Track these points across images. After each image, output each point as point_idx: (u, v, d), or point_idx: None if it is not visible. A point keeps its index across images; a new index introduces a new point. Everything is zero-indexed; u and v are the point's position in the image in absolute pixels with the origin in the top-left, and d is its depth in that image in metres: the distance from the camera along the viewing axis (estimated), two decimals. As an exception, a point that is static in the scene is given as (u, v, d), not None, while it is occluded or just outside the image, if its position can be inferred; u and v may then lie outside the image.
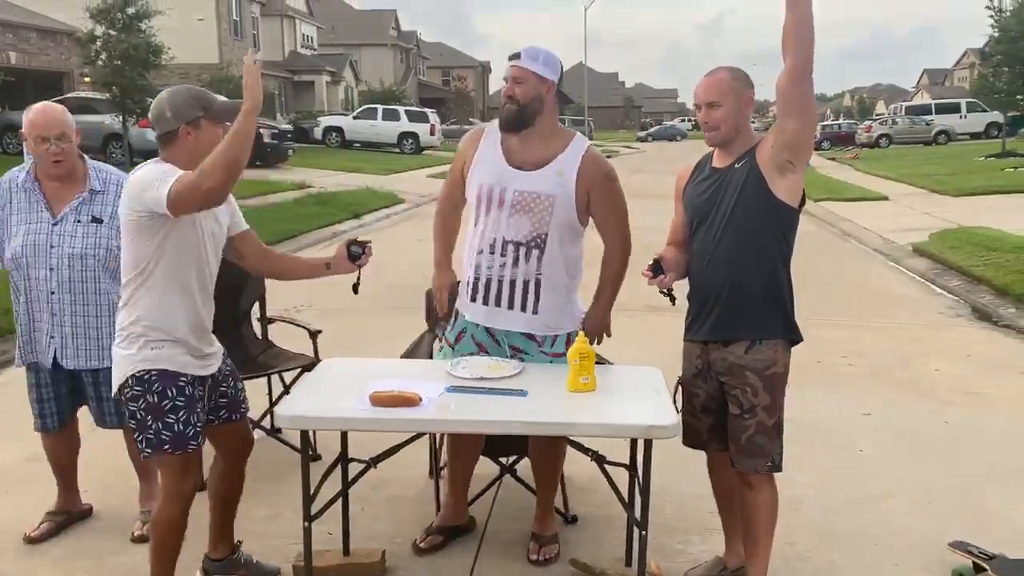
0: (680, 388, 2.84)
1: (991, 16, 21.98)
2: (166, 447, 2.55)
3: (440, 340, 3.14)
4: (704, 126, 2.66)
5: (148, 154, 17.26)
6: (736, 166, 2.64)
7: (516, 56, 2.86)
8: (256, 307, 4.39)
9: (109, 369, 2.97)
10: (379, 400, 2.39)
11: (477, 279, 2.89)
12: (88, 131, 18.26)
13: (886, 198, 15.77)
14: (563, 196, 2.81)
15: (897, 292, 8.41)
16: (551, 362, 2.90)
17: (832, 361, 5.76)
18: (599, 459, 2.77)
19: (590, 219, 2.95)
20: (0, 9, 20.30)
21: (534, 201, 2.80)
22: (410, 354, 3.59)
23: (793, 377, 2.77)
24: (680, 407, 2.79)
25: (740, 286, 2.64)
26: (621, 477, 2.85)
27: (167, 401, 2.52)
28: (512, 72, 2.84)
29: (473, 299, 2.91)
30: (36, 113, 3.08)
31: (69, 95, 19.44)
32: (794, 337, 2.71)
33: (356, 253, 2.80)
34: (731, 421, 2.69)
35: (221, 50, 30.79)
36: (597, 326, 3.02)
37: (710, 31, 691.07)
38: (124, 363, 2.54)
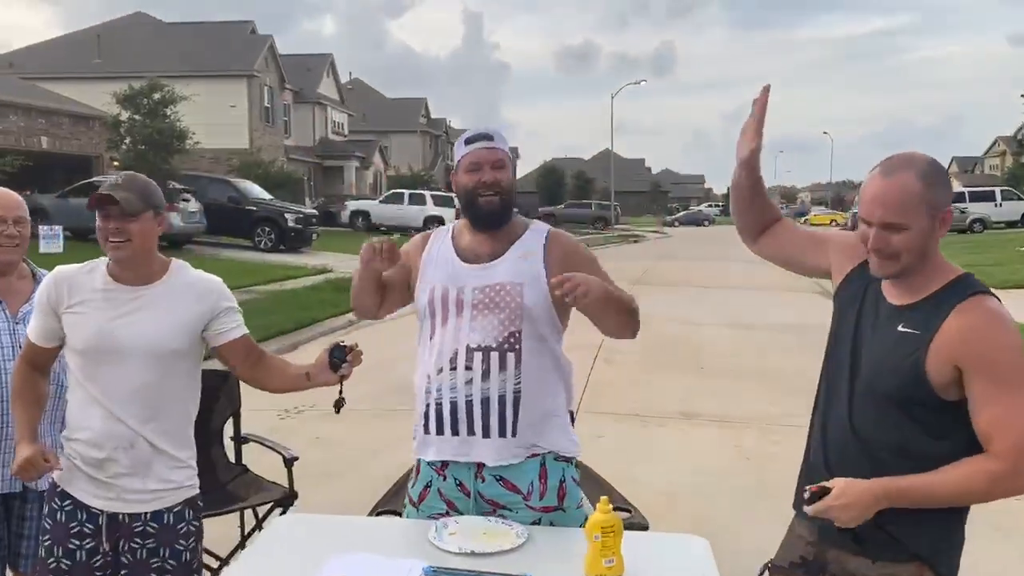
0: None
1: (1027, 104, 21.55)
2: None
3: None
4: (876, 252, 1.82)
5: (168, 237, 16.91)
6: (901, 327, 1.83)
7: (486, 137, 2.35)
8: (230, 424, 3.81)
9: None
10: (328, 596, 1.76)
11: (439, 405, 2.27)
12: (112, 214, 18.35)
13: (928, 289, 15.02)
14: (533, 281, 2.27)
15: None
16: (539, 519, 2.27)
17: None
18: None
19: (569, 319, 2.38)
20: (34, 96, 20.65)
21: (499, 294, 2.26)
22: (390, 499, 2.97)
23: None
24: None
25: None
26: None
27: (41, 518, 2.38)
28: (486, 156, 2.34)
29: (439, 431, 2.29)
30: None
31: (96, 179, 19.56)
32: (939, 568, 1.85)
33: (337, 362, 2.27)
34: None
35: (252, 136, 31.28)
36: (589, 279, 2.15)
37: (734, 120, 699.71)
38: None
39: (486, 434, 2.25)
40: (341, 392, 2.31)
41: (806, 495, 1.81)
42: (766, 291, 16.36)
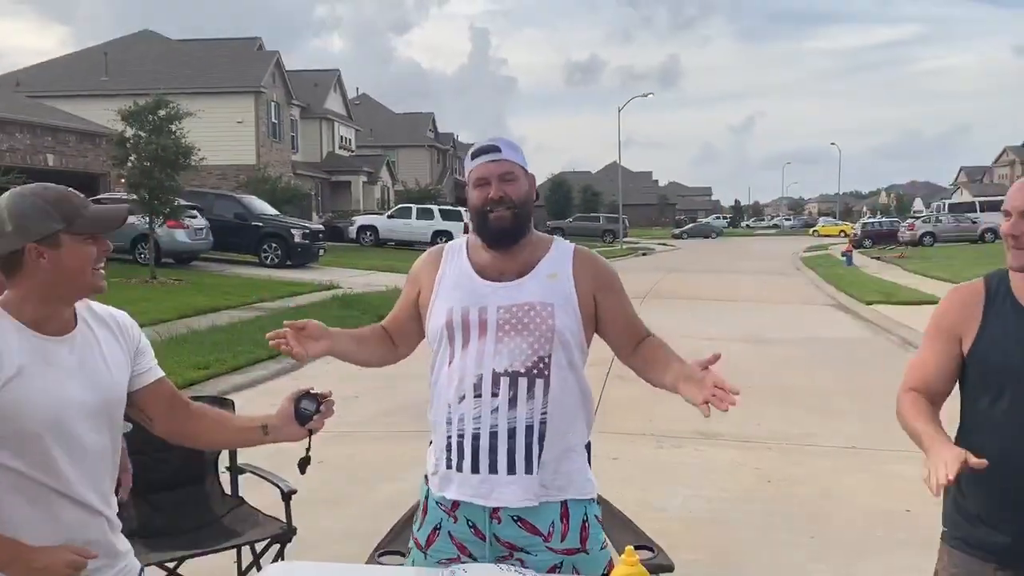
0: None
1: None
2: None
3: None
4: (1013, 240, 1.97)
5: (175, 254, 16.71)
6: None
7: (492, 149, 2.15)
8: (225, 454, 3.61)
9: None
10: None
11: (461, 437, 2.07)
12: (118, 232, 18.33)
13: (944, 301, 14.76)
14: (563, 303, 2.10)
15: (980, 415, 7.41)
16: (561, 563, 2.08)
17: (923, 509, 4.78)
18: None
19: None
20: (41, 113, 20.64)
21: (528, 315, 2.08)
22: (395, 537, 2.78)
23: (876, 536, 1.95)
24: None
25: None
26: None
27: None
28: (493, 169, 2.13)
29: (458, 467, 2.08)
30: None
31: (103, 196, 19.48)
32: None
33: (306, 413, 1.94)
34: None
35: (259, 152, 31.24)
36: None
37: (742, 132, 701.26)
38: None
39: (511, 470, 2.05)
40: (308, 448, 2.00)
41: None
42: (779, 305, 16.13)
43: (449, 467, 2.10)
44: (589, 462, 2.21)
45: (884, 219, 48.24)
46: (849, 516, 4.68)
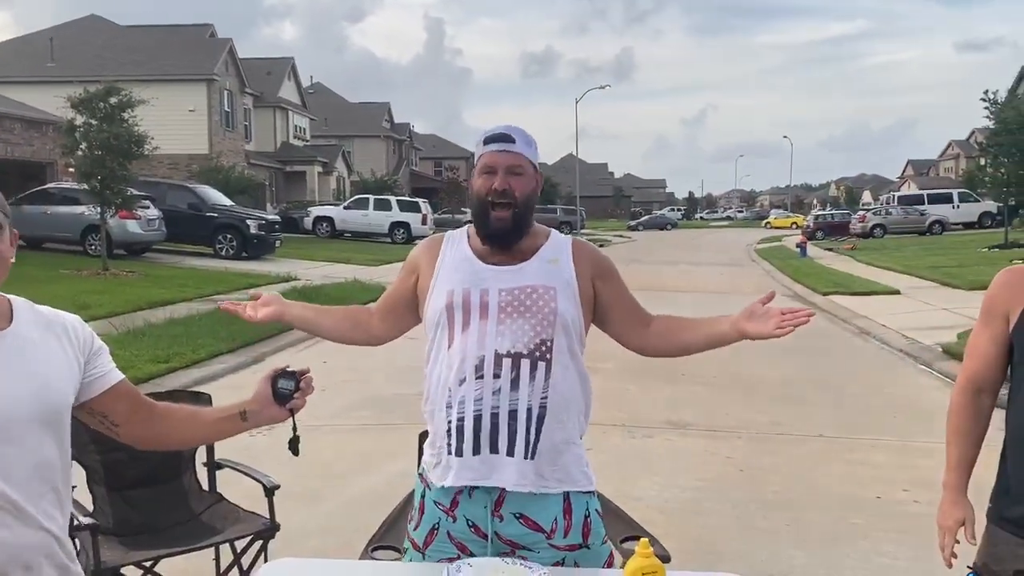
0: None
1: (987, 108, 21.93)
2: None
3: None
4: None
5: (127, 245, 16.22)
6: None
7: (507, 138, 2.10)
8: (202, 449, 3.51)
9: None
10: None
11: (461, 420, 2.03)
12: (68, 222, 17.94)
13: (898, 292, 15.11)
14: (565, 287, 2.10)
15: (939, 403, 7.58)
16: (563, 559, 2.06)
17: (893, 496, 4.89)
18: None
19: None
20: (-16, 99, 19.94)
21: (530, 297, 2.06)
22: (387, 531, 2.72)
23: (850, 523, 1.95)
24: None
25: None
26: None
27: None
28: (502, 159, 2.08)
29: (458, 452, 2.04)
30: None
31: (50, 185, 18.92)
32: None
33: (285, 392, 1.85)
34: None
35: (211, 140, 30.66)
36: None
37: (695, 125, 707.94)
38: None
39: (510, 452, 2.03)
40: (295, 428, 1.91)
41: None
42: (738, 295, 16.33)
43: (449, 452, 2.06)
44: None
45: (836, 211, 49.18)
46: (823, 504, 4.74)
